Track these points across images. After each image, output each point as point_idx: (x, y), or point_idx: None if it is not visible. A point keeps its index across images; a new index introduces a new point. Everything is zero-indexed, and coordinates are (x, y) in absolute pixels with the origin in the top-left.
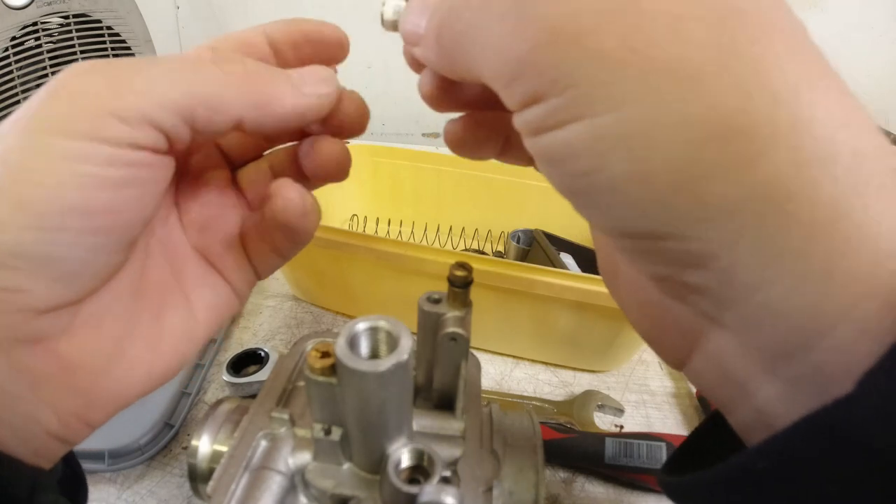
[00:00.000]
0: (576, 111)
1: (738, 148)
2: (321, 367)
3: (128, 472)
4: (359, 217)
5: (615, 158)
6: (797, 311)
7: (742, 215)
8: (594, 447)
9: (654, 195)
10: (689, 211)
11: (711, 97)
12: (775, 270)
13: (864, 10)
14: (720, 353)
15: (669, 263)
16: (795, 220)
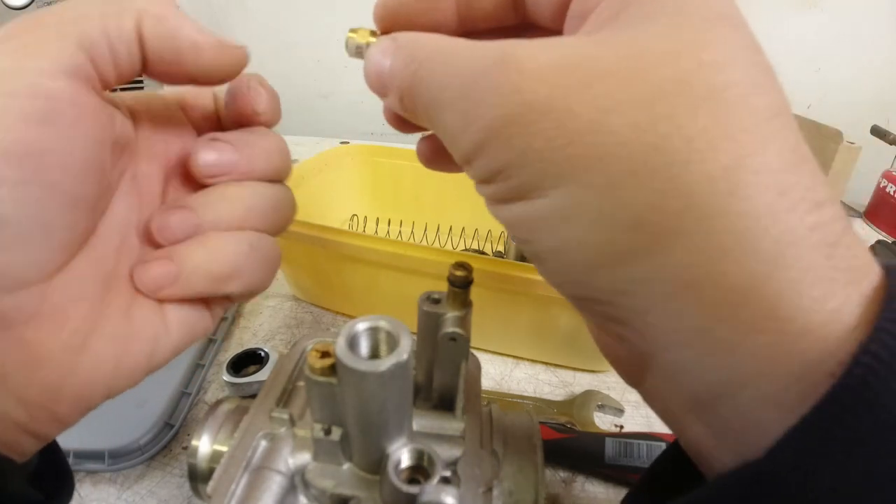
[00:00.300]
0: (512, 195)
1: (645, 239)
2: (321, 367)
3: (128, 472)
4: (359, 217)
5: (543, 237)
6: (704, 374)
7: (648, 295)
8: (594, 447)
9: (574, 271)
10: (603, 285)
11: (626, 194)
12: (682, 339)
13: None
14: (657, 389)
15: (599, 319)
16: (699, 303)
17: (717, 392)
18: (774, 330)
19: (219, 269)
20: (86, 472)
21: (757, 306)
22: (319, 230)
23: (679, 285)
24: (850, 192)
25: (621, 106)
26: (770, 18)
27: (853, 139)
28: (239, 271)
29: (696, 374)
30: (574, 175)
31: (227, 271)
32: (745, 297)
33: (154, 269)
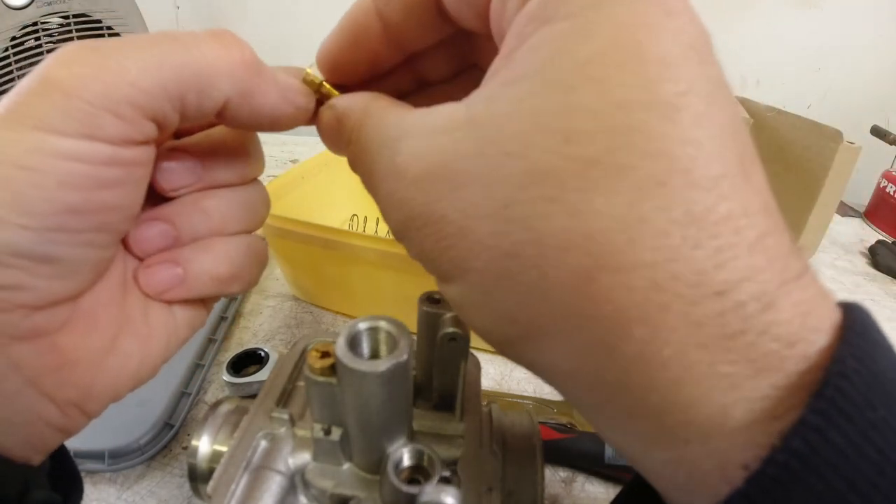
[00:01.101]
0: (435, 275)
1: (522, 332)
2: (321, 367)
3: (128, 472)
4: (359, 217)
5: (465, 315)
6: (624, 438)
7: (546, 374)
8: (594, 447)
9: (490, 343)
10: (513, 358)
11: (497, 293)
12: (585, 411)
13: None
14: None
15: None
16: (584, 387)
17: (639, 456)
18: (652, 419)
19: (224, 272)
20: (86, 472)
21: (631, 397)
22: (319, 230)
23: (562, 372)
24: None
25: (482, 211)
26: (770, 18)
27: (853, 139)
28: (241, 273)
29: (616, 439)
30: (459, 274)
31: (231, 273)
32: (618, 389)
33: (160, 273)
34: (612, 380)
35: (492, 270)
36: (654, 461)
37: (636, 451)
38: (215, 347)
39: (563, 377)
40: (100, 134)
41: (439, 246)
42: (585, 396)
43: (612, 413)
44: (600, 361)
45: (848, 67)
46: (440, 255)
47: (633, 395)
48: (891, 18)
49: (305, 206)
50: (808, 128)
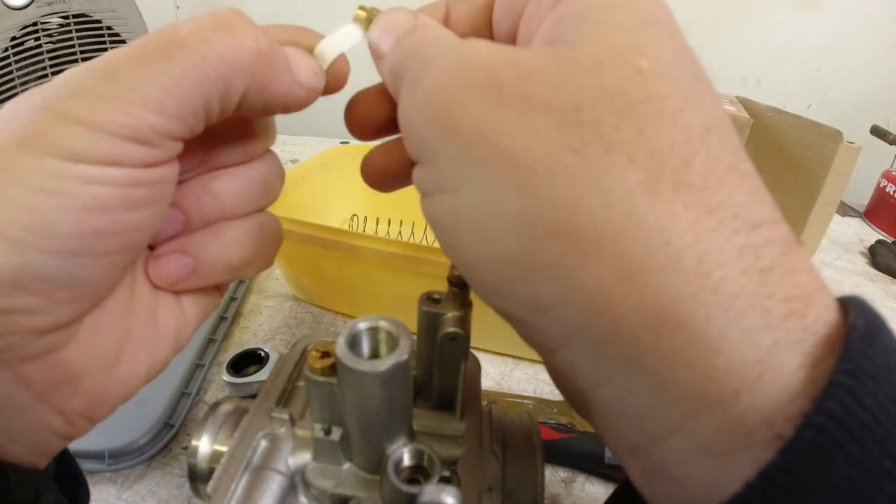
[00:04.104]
0: (437, 183)
1: (562, 248)
2: (321, 367)
3: (128, 472)
4: (359, 217)
5: (466, 238)
6: (632, 412)
7: (570, 316)
8: (594, 447)
9: (498, 282)
10: (527, 302)
11: (544, 192)
12: (606, 372)
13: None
14: (597, 426)
15: (532, 345)
16: (621, 328)
17: (648, 436)
18: (701, 364)
19: (236, 258)
20: (86, 472)
21: (680, 334)
22: (319, 230)
23: (597, 309)
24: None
25: (549, 107)
26: (770, 18)
27: (853, 139)
28: (254, 257)
29: (626, 415)
30: (497, 170)
31: (243, 260)
32: (665, 323)
33: (170, 264)
34: (660, 308)
35: (547, 165)
36: (688, 435)
37: (667, 425)
38: (215, 347)
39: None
40: (125, 160)
41: (470, 137)
42: (619, 345)
43: (649, 365)
44: (647, 286)
45: (848, 67)
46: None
47: (682, 328)
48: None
49: (305, 206)
50: (808, 128)
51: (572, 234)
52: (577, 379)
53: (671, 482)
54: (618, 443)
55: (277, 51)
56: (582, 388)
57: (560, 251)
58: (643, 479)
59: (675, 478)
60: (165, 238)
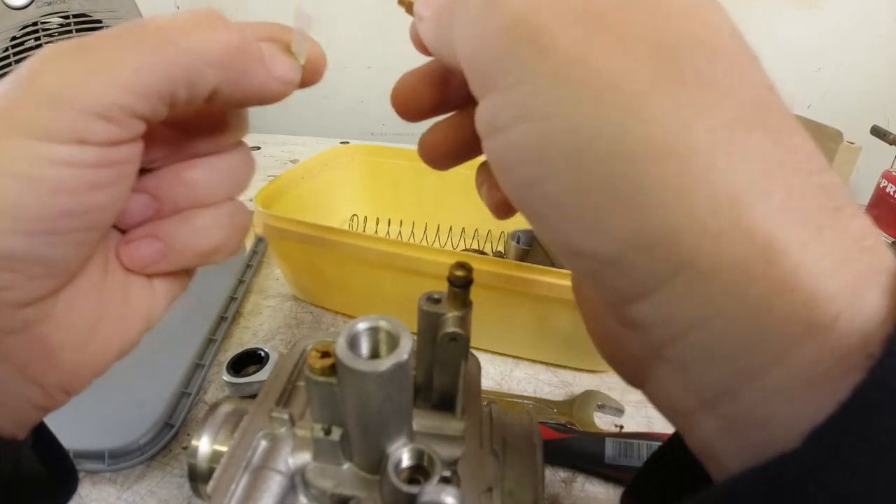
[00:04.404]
0: (523, 110)
1: (674, 172)
2: (321, 367)
3: (128, 472)
4: (359, 217)
5: (557, 168)
6: (730, 352)
7: (679, 246)
8: (594, 447)
9: (594, 213)
10: (627, 235)
11: (651, 117)
12: (709, 309)
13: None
14: (664, 384)
15: (613, 293)
16: (729, 255)
17: (741, 376)
18: (805, 289)
19: (205, 245)
20: (86, 472)
21: (785, 259)
22: (319, 230)
23: (711, 236)
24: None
25: (647, 39)
26: (770, 18)
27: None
28: (223, 244)
29: (719, 357)
30: (600, 91)
31: (212, 247)
32: (772, 248)
33: (141, 248)
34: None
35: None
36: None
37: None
38: (215, 347)
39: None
40: (91, 138)
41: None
42: (732, 269)
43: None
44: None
45: (848, 67)
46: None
47: (789, 258)
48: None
49: (305, 206)
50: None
51: (682, 159)
52: (661, 327)
53: (756, 426)
54: (690, 397)
55: (252, 46)
56: (661, 339)
57: (672, 174)
58: (719, 433)
59: (762, 419)
60: (138, 223)
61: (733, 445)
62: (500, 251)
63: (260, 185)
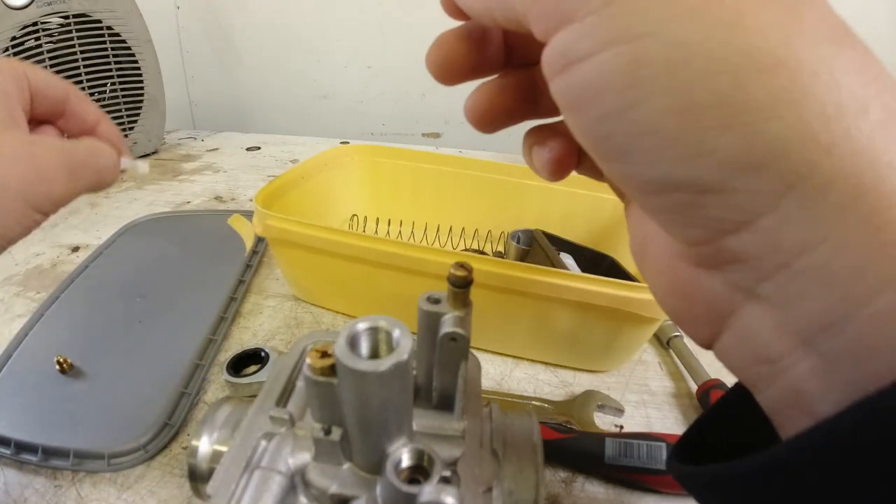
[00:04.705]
0: (609, 34)
1: (783, 83)
2: (321, 367)
3: (128, 472)
4: (359, 217)
5: (654, 90)
6: (840, 276)
7: (790, 162)
8: (594, 447)
9: (698, 135)
10: (735, 154)
11: (754, 30)
12: (820, 229)
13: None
14: (752, 329)
15: (708, 225)
16: (840, 168)
17: (851, 303)
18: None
19: None
20: (86, 472)
21: (892, 173)
22: (319, 230)
23: (823, 148)
24: None
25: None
26: None
27: None
28: None
29: (828, 283)
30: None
31: None
32: (878, 159)
33: None
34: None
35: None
36: None
37: (878, 282)
38: (215, 347)
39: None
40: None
41: None
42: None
43: (868, 207)
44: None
45: None
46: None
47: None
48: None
49: (305, 206)
50: None
51: (791, 69)
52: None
53: (862, 359)
54: (788, 339)
55: None
56: (762, 272)
57: (782, 85)
58: (814, 374)
59: (869, 350)
60: None
61: (831, 386)
62: (500, 251)
63: (260, 185)
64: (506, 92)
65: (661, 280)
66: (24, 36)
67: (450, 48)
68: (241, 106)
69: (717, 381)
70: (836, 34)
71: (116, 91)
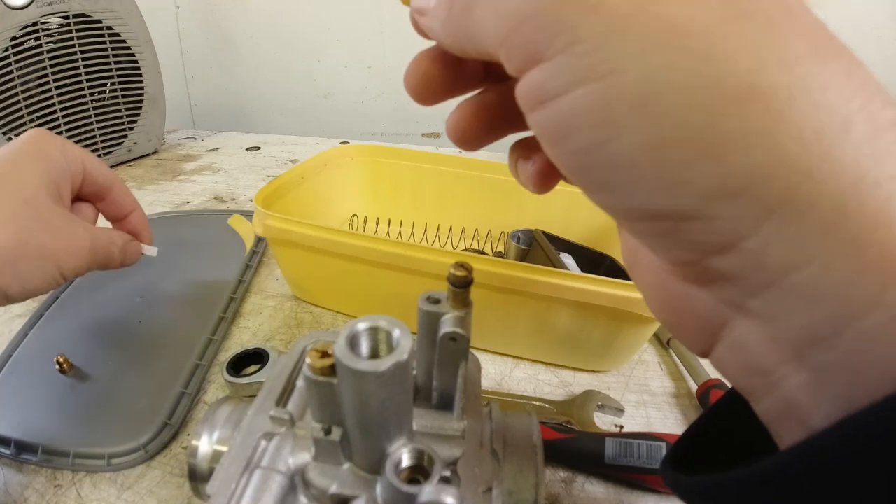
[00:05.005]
0: (578, 73)
1: (757, 111)
2: (321, 367)
3: (128, 472)
4: (359, 217)
5: (626, 126)
6: (828, 294)
7: (769, 187)
8: (594, 447)
9: (673, 167)
10: (713, 184)
11: (724, 58)
12: (805, 250)
13: (864, 10)
14: (744, 343)
15: (692, 248)
16: (821, 190)
17: (838, 320)
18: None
19: None
20: (86, 472)
21: (877, 191)
22: (319, 230)
23: (803, 172)
24: None
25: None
26: None
27: None
28: None
29: (815, 301)
30: (665, 39)
31: None
32: (863, 181)
33: None
34: (834, 189)
35: (720, 30)
36: (888, 307)
37: (866, 300)
38: (215, 347)
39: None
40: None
41: (623, 9)
42: (829, 207)
43: (853, 228)
44: (845, 148)
45: None
46: (622, 19)
47: (881, 190)
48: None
49: (305, 206)
50: None
51: (763, 97)
52: (751, 276)
53: (852, 374)
54: (779, 352)
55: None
56: (749, 289)
57: (755, 113)
58: (806, 387)
59: (859, 366)
60: None
61: (823, 399)
62: (500, 251)
63: (260, 185)
64: (487, 108)
65: (653, 293)
66: (24, 36)
67: (426, 69)
68: (241, 106)
69: (716, 381)
70: (816, 46)
71: (116, 91)
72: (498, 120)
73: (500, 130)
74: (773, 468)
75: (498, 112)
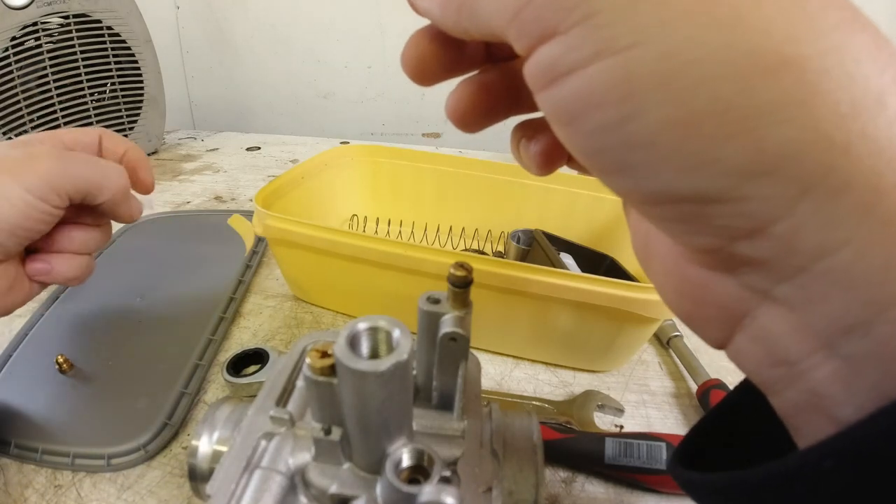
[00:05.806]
0: (597, 46)
1: (791, 83)
2: (321, 367)
3: (128, 472)
4: (359, 217)
5: (650, 101)
6: (862, 279)
7: (804, 164)
8: (594, 447)
9: (701, 144)
10: (743, 162)
11: (755, 26)
12: (841, 232)
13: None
14: (768, 331)
15: (718, 233)
16: (858, 169)
17: (875, 306)
18: None
19: (71, 274)
20: (86, 472)
21: None
22: (319, 230)
23: (839, 149)
24: None
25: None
26: None
27: None
28: (80, 277)
29: (850, 286)
30: (693, 7)
31: (74, 276)
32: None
33: (38, 265)
34: (870, 167)
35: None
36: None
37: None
38: (215, 347)
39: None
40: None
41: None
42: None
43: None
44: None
45: None
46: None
47: (893, 191)
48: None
49: (305, 206)
50: None
51: (798, 67)
52: (782, 260)
53: (886, 363)
54: (808, 341)
55: (131, 195)
56: (779, 275)
57: (789, 85)
58: (836, 377)
59: (892, 356)
60: (41, 251)
61: (854, 390)
62: (500, 251)
63: (260, 185)
64: (487, 89)
65: (668, 281)
66: (24, 36)
67: (424, 48)
68: (241, 106)
69: (717, 381)
70: (845, 18)
71: (116, 91)
72: (500, 101)
73: (502, 112)
74: (801, 464)
75: (500, 93)
